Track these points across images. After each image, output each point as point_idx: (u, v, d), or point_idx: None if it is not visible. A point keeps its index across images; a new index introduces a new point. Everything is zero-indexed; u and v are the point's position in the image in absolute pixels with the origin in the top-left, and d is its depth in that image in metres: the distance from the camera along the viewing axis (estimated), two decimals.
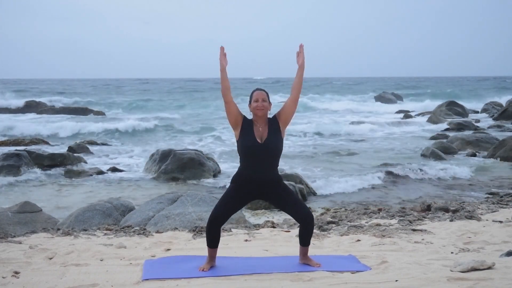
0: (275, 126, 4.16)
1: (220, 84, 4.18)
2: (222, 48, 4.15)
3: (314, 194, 10.40)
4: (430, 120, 24.64)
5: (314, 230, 6.03)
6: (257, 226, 6.50)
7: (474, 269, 3.95)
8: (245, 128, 4.12)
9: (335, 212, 8.48)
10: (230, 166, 13.18)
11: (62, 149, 15.27)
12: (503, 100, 36.46)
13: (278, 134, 4.14)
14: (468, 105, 33.26)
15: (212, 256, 4.26)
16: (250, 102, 4.20)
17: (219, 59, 4.14)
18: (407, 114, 29.27)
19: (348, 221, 6.72)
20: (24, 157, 12.49)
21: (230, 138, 19.18)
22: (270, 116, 4.25)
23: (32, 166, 12.57)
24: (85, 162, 13.69)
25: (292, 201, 4.19)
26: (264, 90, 4.22)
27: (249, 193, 4.15)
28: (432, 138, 19.17)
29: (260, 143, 4.07)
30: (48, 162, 13.07)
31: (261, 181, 4.11)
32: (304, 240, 4.29)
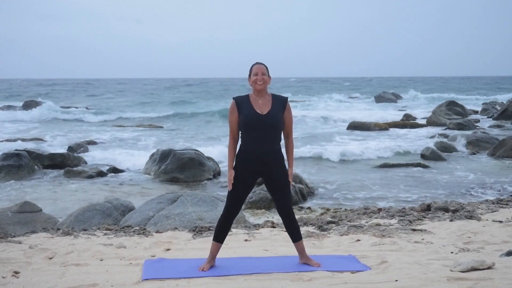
0: (281, 106, 4.17)
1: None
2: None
3: (314, 193, 10.40)
4: (430, 120, 24.62)
5: (314, 230, 6.04)
6: (257, 226, 6.49)
7: (474, 269, 3.95)
8: (242, 106, 4.14)
9: (335, 212, 8.48)
10: None
11: (62, 149, 15.27)
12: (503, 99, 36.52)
13: (281, 112, 4.16)
14: (467, 104, 33.27)
15: (213, 254, 4.27)
16: (249, 76, 4.21)
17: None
18: (407, 114, 29.24)
19: (348, 221, 6.72)
20: (24, 157, 12.48)
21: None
22: (282, 96, 4.28)
23: (32, 166, 12.56)
24: (85, 162, 13.69)
25: (283, 191, 4.19)
26: (263, 64, 4.22)
27: (252, 171, 4.13)
28: (432, 137, 19.18)
29: (261, 114, 4.08)
30: (48, 162, 13.07)
31: (263, 152, 4.10)
32: (293, 235, 4.30)
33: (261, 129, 4.07)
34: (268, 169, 4.15)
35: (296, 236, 4.31)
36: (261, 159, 4.11)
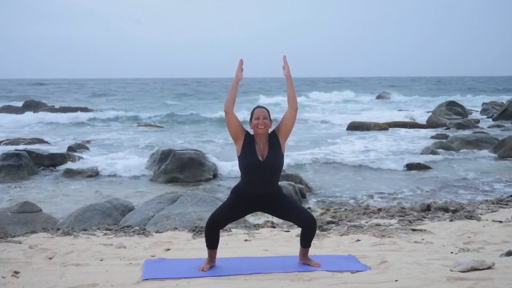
0: (275, 142, 4.15)
1: (228, 94, 4.16)
2: (241, 62, 4.19)
3: (314, 193, 10.40)
4: (430, 120, 24.61)
5: None
6: (257, 226, 6.50)
7: (474, 269, 3.95)
8: (247, 144, 4.11)
9: (335, 212, 8.48)
10: (230, 165, 13.14)
11: (62, 149, 15.27)
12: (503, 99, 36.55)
13: (278, 150, 4.13)
14: (467, 104, 33.27)
15: (211, 257, 4.27)
16: (251, 119, 4.18)
17: (236, 71, 4.17)
18: (407, 114, 29.26)
19: (348, 221, 6.72)
20: (24, 157, 12.48)
21: (227, 138, 19.18)
22: (273, 131, 4.23)
23: (32, 166, 12.55)
24: (85, 162, 13.67)
25: (294, 210, 4.21)
26: (265, 108, 4.22)
27: (249, 206, 4.18)
28: (432, 138, 19.18)
29: (261, 161, 4.07)
30: (48, 162, 13.07)
31: (262, 196, 4.14)
32: (306, 242, 4.31)
33: (260, 174, 4.07)
34: (268, 207, 4.20)
35: (307, 244, 4.32)
36: (259, 200, 4.15)
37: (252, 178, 4.10)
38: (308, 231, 4.23)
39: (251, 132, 4.20)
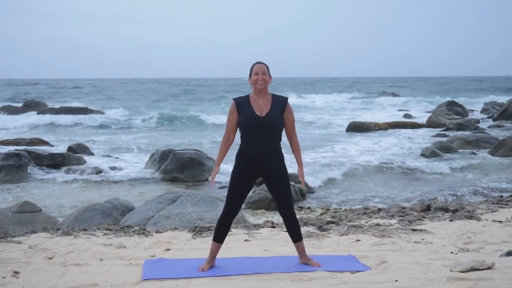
0: (280, 107, 4.17)
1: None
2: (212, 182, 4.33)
3: (314, 193, 10.40)
4: (430, 120, 24.60)
5: (314, 230, 6.04)
6: (257, 226, 6.49)
7: (474, 269, 3.95)
8: (242, 107, 4.15)
9: (335, 212, 8.48)
10: (230, 166, 13.14)
11: (62, 149, 15.26)
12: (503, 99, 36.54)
13: (280, 113, 4.15)
14: (467, 105, 33.27)
15: (213, 254, 4.27)
16: (250, 75, 4.21)
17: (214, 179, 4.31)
18: (407, 114, 29.27)
19: (348, 221, 6.72)
20: (24, 157, 12.48)
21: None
22: (283, 96, 4.28)
23: (32, 166, 12.55)
24: (85, 162, 13.68)
25: (284, 192, 4.20)
26: (264, 63, 4.22)
27: (252, 170, 4.15)
28: (432, 137, 19.18)
29: (260, 116, 4.09)
30: (48, 162, 13.06)
31: (262, 153, 4.12)
32: (294, 236, 4.31)
33: (260, 130, 4.08)
34: (268, 169, 4.17)
35: (296, 237, 4.32)
36: (260, 160, 4.13)
37: (251, 135, 4.10)
38: (290, 223, 4.26)
39: (241, 95, 4.25)
